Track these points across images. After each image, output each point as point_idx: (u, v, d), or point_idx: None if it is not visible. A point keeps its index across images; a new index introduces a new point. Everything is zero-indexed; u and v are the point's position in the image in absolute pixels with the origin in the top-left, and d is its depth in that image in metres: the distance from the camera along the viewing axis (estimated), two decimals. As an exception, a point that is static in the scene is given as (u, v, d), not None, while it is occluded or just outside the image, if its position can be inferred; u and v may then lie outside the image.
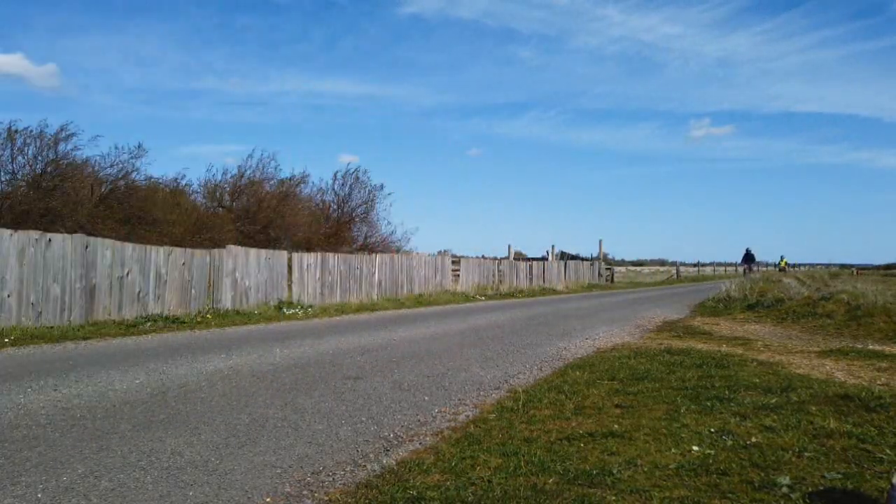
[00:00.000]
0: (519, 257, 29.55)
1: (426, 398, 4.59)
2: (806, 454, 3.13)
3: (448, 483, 2.80)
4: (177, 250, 10.20)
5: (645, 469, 2.95)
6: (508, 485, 2.76)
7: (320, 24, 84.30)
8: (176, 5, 69.03)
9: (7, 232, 8.05)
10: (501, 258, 24.95)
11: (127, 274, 9.26)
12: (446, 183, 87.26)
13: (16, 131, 15.78)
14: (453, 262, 19.14)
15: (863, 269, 42.33)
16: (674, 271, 47.13)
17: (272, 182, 23.61)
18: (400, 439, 3.57)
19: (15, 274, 7.96)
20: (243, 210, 22.09)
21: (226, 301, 10.80)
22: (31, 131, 16.05)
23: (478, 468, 2.99)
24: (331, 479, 2.92)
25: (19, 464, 3.02)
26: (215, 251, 10.94)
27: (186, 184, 21.44)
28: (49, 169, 16.36)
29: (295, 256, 12.81)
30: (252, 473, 2.97)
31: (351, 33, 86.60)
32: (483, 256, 24.42)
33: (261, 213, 21.86)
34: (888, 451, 3.15)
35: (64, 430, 3.58)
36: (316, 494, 2.74)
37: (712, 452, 3.17)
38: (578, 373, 5.44)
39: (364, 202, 26.59)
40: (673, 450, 3.23)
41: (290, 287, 12.43)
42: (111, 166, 17.73)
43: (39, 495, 2.66)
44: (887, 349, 7.02)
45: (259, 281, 11.56)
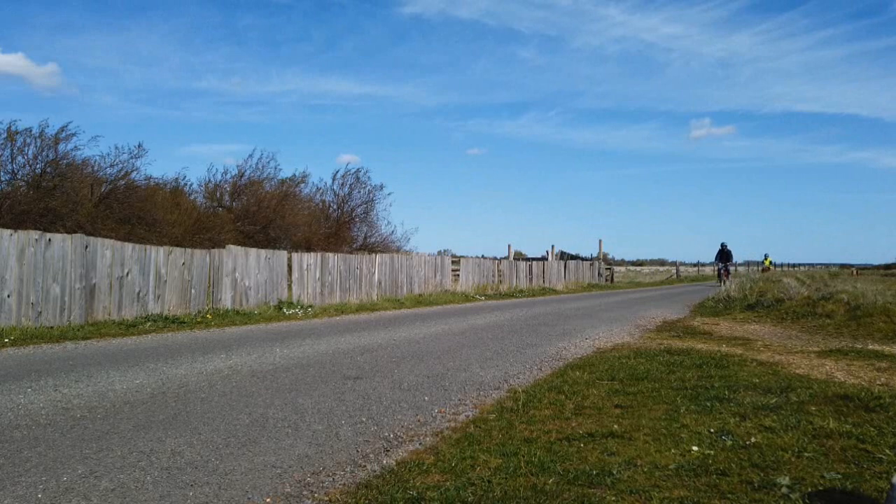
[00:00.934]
0: (519, 257, 29.56)
1: (426, 398, 4.59)
2: (805, 454, 3.13)
3: (448, 483, 2.80)
4: (177, 250, 10.20)
5: (644, 469, 2.95)
6: (508, 485, 2.76)
7: (321, 24, 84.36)
8: (177, 5, 69.07)
9: (7, 232, 8.05)
10: (501, 258, 24.96)
11: (127, 274, 9.26)
12: (446, 183, 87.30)
13: (16, 131, 15.78)
14: (453, 262, 19.14)
15: (863, 269, 42.33)
16: (674, 271, 47.15)
17: (272, 182, 23.63)
18: (400, 439, 3.58)
19: (15, 274, 7.96)
20: (243, 210, 22.09)
21: (226, 301, 10.81)
22: (32, 131, 16.05)
23: (478, 468, 3.00)
24: (331, 480, 2.93)
25: (19, 464, 3.02)
26: (215, 251, 10.94)
27: (186, 184, 21.46)
28: (49, 169, 16.36)
29: (295, 256, 12.81)
30: (252, 474, 2.97)
31: (352, 33, 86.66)
32: (483, 256, 24.43)
33: (261, 213, 21.87)
34: (887, 452, 3.15)
35: (64, 431, 3.59)
36: (316, 495, 2.74)
37: (712, 453, 3.18)
38: (578, 373, 5.45)
39: (364, 202, 26.62)
40: (672, 450, 3.23)
41: (290, 287, 12.43)
42: (111, 166, 17.74)
43: (40, 496, 2.66)
44: (887, 349, 7.02)
45: (259, 281, 11.57)
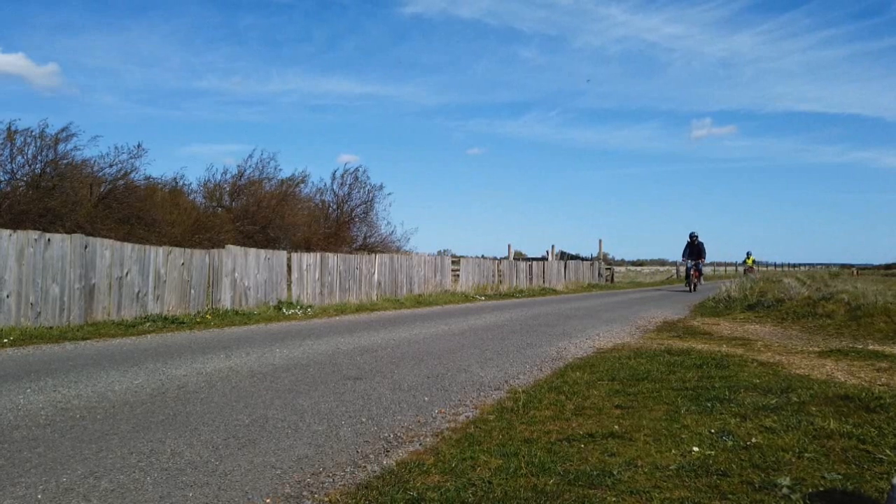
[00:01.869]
0: (519, 257, 29.55)
1: (426, 399, 4.59)
2: (806, 455, 3.13)
3: (448, 484, 2.80)
4: (176, 250, 10.20)
5: (645, 470, 2.95)
6: (509, 486, 2.76)
7: (322, 24, 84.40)
8: (177, 5, 69.08)
9: (6, 232, 8.04)
10: (501, 258, 24.96)
11: (126, 274, 9.25)
12: (446, 183, 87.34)
13: (15, 131, 15.78)
14: (453, 262, 19.13)
15: (863, 269, 42.32)
16: (674, 271, 47.12)
17: (272, 182, 23.64)
18: (400, 440, 3.57)
19: (14, 274, 7.95)
20: (243, 210, 22.10)
21: (225, 301, 10.80)
22: (31, 131, 16.05)
23: (478, 469, 2.99)
24: (330, 481, 2.92)
25: (19, 465, 3.01)
26: (214, 251, 10.93)
27: (186, 184, 21.46)
28: (48, 169, 16.36)
29: (294, 256, 12.80)
30: (252, 474, 2.97)
31: (353, 33, 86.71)
32: (483, 256, 24.43)
33: (260, 213, 21.88)
34: (888, 452, 3.15)
35: (63, 431, 3.58)
36: (315, 495, 2.74)
37: (712, 453, 3.17)
38: (578, 373, 5.44)
39: (363, 202, 26.63)
40: (673, 451, 3.23)
41: (290, 287, 12.43)
42: (110, 166, 17.75)
43: (39, 496, 2.65)
44: (887, 349, 7.02)
45: (258, 281, 11.56)
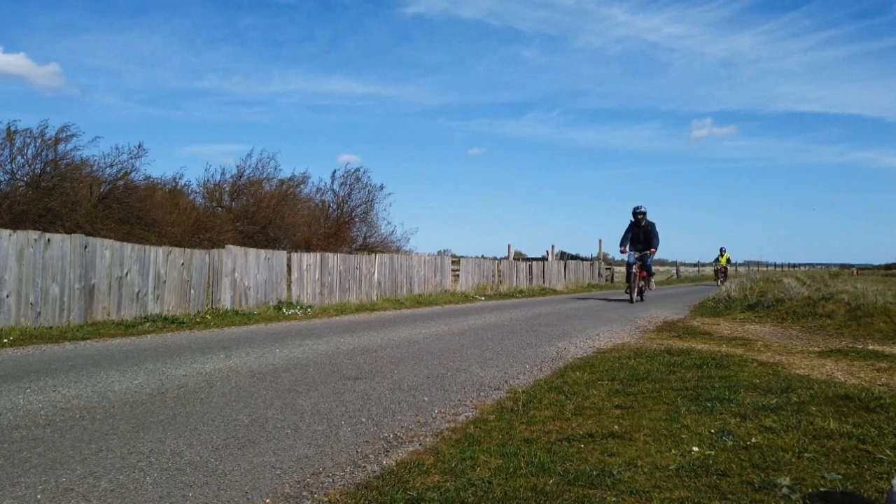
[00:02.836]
0: (519, 257, 29.54)
1: (426, 399, 4.59)
2: (806, 455, 3.13)
3: (448, 484, 2.79)
4: (176, 250, 10.20)
5: (645, 470, 2.95)
6: (508, 486, 2.76)
7: (324, 24, 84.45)
8: (179, 5, 69.09)
9: (6, 232, 8.04)
10: (501, 258, 24.95)
11: (126, 274, 9.25)
12: (447, 183, 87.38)
13: (15, 131, 15.78)
14: (453, 262, 19.13)
15: (863, 269, 42.32)
16: (674, 271, 47.14)
17: (272, 182, 23.64)
18: (399, 440, 3.57)
19: (14, 274, 7.95)
20: (242, 210, 22.10)
21: (225, 301, 10.80)
22: (31, 131, 16.06)
23: (478, 469, 2.99)
24: (330, 481, 2.92)
25: (18, 465, 3.01)
26: (214, 251, 10.93)
27: (186, 184, 21.47)
28: (48, 169, 16.36)
29: (294, 256, 12.80)
30: (252, 474, 2.96)
31: (355, 33, 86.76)
32: (483, 256, 24.43)
33: (260, 213, 21.88)
34: (888, 452, 3.15)
35: (63, 431, 3.58)
36: (315, 496, 2.74)
37: (712, 453, 3.17)
38: (578, 373, 5.44)
39: (364, 202, 26.64)
40: (673, 451, 3.23)
41: (290, 287, 12.43)
42: (110, 166, 17.75)
43: (39, 496, 2.65)
44: (887, 349, 7.01)
45: (258, 281, 11.56)
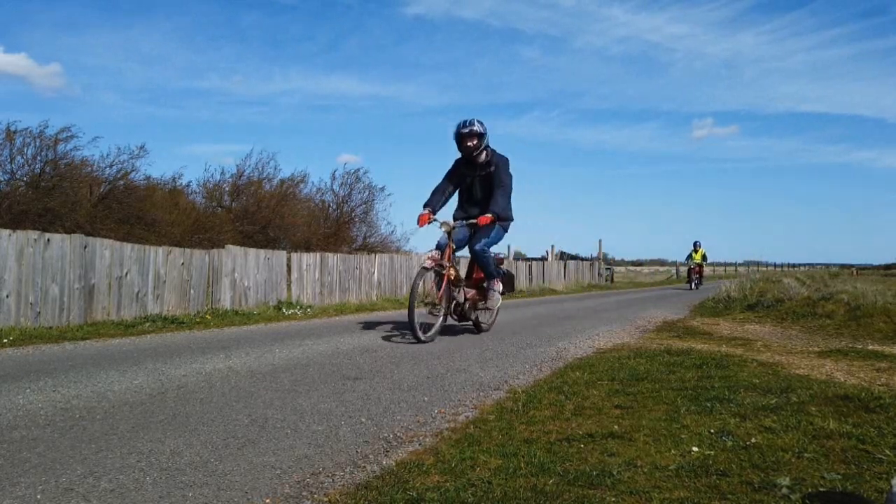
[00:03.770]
0: (519, 257, 29.53)
1: (425, 399, 4.59)
2: (805, 455, 3.13)
3: (448, 484, 2.79)
4: (175, 250, 10.19)
5: (645, 470, 2.95)
6: (508, 486, 2.76)
7: (325, 24, 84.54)
8: (181, 4, 69.12)
9: (6, 232, 8.04)
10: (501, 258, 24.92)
11: (126, 274, 9.25)
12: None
13: (15, 132, 15.78)
14: (453, 262, 19.09)
15: (863, 269, 42.30)
16: (674, 271, 47.15)
17: (272, 182, 23.64)
18: (399, 440, 3.57)
19: (14, 274, 7.95)
20: (242, 210, 22.09)
21: (225, 301, 10.80)
22: (31, 132, 16.06)
23: (477, 469, 2.99)
24: (330, 481, 2.92)
25: (18, 465, 3.01)
26: (214, 251, 10.93)
27: (185, 184, 21.47)
28: (48, 169, 16.36)
29: (294, 256, 12.80)
30: (251, 474, 2.96)
31: (356, 33, 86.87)
32: (482, 256, 24.35)
33: (260, 213, 21.87)
34: (888, 452, 3.15)
35: (63, 431, 3.58)
36: (315, 496, 2.74)
37: (712, 453, 3.17)
38: (578, 373, 5.44)
39: (363, 202, 26.63)
40: (673, 451, 3.23)
41: (290, 287, 12.43)
42: (110, 166, 17.76)
43: (39, 496, 2.65)
44: (887, 349, 7.01)
45: (258, 281, 11.56)
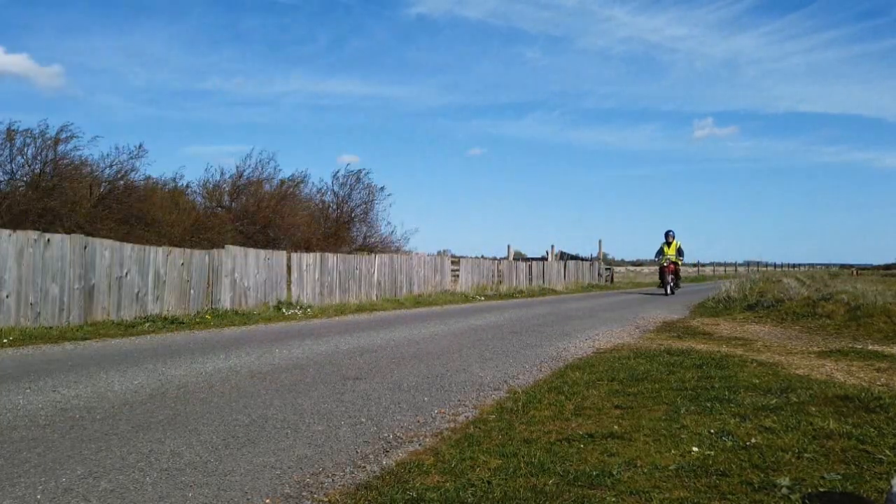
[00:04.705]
0: (519, 257, 29.53)
1: (425, 399, 4.59)
2: (805, 455, 3.13)
3: (448, 484, 2.79)
4: (175, 250, 10.20)
5: (645, 470, 2.95)
6: (508, 486, 2.76)
7: (327, 25, 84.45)
8: (182, 6, 69.05)
9: (6, 232, 8.04)
10: (501, 258, 24.94)
11: (126, 274, 9.25)
12: (447, 183, 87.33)
13: (15, 132, 15.78)
14: (453, 263, 19.13)
15: (863, 270, 42.29)
16: (673, 271, 47.01)
17: (272, 182, 23.63)
18: (399, 440, 3.57)
19: (14, 274, 7.95)
20: (242, 210, 22.09)
21: (225, 301, 10.80)
22: (31, 132, 16.05)
23: (477, 469, 2.99)
24: (330, 481, 2.92)
25: (18, 465, 3.01)
26: (214, 251, 10.93)
27: (186, 184, 21.47)
28: (48, 169, 16.35)
29: (294, 256, 12.80)
30: (251, 474, 2.96)
31: (358, 34, 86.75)
32: (482, 256, 24.43)
33: (260, 214, 21.86)
34: (887, 452, 3.15)
35: (63, 431, 3.58)
36: (315, 496, 2.74)
37: (712, 453, 3.17)
38: (578, 373, 5.44)
39: (363, 202, 26.63)
40: (672, 451, 3.23)
41: (290, 287, 12.43)
42: (110, 166, 17.76)
43: (39, 496, 2.65)
44: (887, 350, 7.02)
45: (258, 281, 11.56)
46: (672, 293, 19.88)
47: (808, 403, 4.16)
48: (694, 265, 54.38)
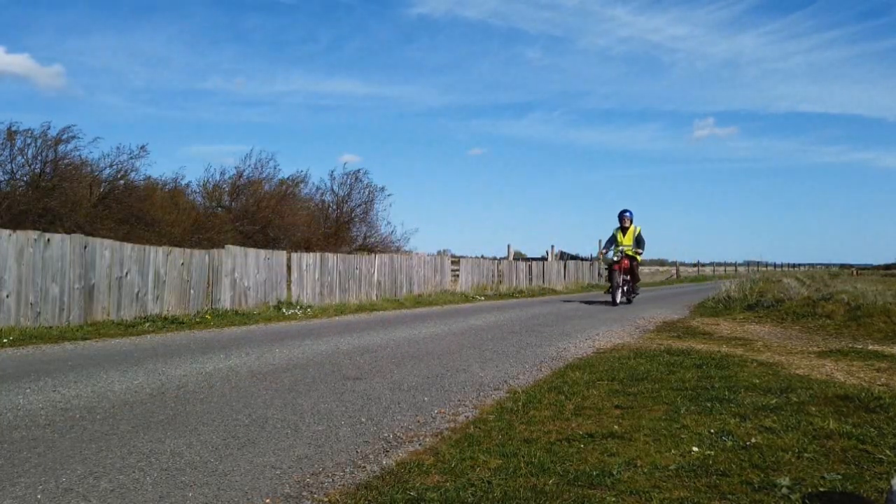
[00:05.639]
0: (519, 257, 29.53)
1: (425, 399, 4.59)
2: (805, 455, 3.13)
3: (448, 484, 2.80)
4: (175, 250, 10.20)
5: (645, 470, 2.95)
6: (508, 486, 2.76)
7: (327, 25, 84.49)
8: (183, 6, 69.07)
9: (6, 232, 8.04)
10: (501, 258, 24.93)
11: (126, 274, 9.25)
12: (447, 183, 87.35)
13: (15, 132, 15.79)
14: (453, 262, 19.13)
15: (863, 269, 42.30)
16: (673, 271, 47.15)
17: (271, 182, 23.65)
18: (399, 440, 3.57)
19: (14, 274, 7.95)
20: (242, 210, 22.10)
21: (225, 301, 10.80)
22: (32, 132, 16.06)
23: (477, 469, 2.99)
24: (330, 481, 2.92)
25: (18, 465, 3.01)
26: (214, 251, 10.94)
27: (186, 184, 21.49)
28: (48, 169, 16.36)
29: (294, 256, 12.80)
30: (251, 474, 2.96)
31: (358, 34, 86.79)
32: (483, 256, 24.42)
33: (260, 213, 21.88)
34: (887, 452, 3.15)
35: (63, 431, 3.58)
36: (315, 496, 2.74)
37: (712, 453, 3.17)
38: (578, 373, 5.44)
39: (363, 202, 26.65)
40: (672, 451, 3.23)
41: (290, 287, 12.43)
42: (110, 166, 17.77)
43: (39, 496, 2.65)
44: (887, 350, 7.02)
45: (258, 281, 11.56)
46: (628, 301, 14.19)
47: (808, 403, 4.16)
48: (694, 265, 54.38)
